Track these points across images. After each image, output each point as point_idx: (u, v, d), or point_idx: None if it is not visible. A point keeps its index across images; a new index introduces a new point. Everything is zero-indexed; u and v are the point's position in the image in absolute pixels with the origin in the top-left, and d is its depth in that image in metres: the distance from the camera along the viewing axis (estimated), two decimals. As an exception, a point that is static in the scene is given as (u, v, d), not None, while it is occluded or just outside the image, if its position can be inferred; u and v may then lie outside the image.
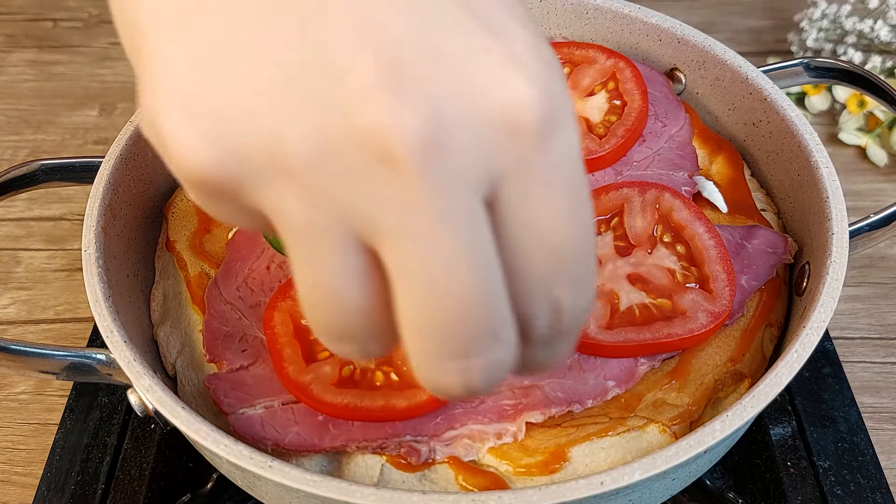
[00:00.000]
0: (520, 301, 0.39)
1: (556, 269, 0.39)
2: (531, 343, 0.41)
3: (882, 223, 0.66)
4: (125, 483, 0.71)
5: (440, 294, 0.36)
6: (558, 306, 0.40)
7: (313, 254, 0.37)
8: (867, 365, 0.85)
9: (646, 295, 0.63)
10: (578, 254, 0.39)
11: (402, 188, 0.35)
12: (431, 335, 0.38)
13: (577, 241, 0.39)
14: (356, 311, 0.38)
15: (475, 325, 0.37)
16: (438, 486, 0.57)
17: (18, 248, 0.98)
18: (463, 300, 0.36)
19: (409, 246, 0.36)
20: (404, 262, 0.36)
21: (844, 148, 1.07)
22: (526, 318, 0.40)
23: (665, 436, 0.58)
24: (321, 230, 0.37)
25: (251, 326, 0.63)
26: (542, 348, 0.42)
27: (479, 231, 0.37)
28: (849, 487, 0.70)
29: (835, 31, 1.13)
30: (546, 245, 0.38)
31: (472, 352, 0.38)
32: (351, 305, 0.38)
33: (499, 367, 0.39)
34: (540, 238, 0.38)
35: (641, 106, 0.74)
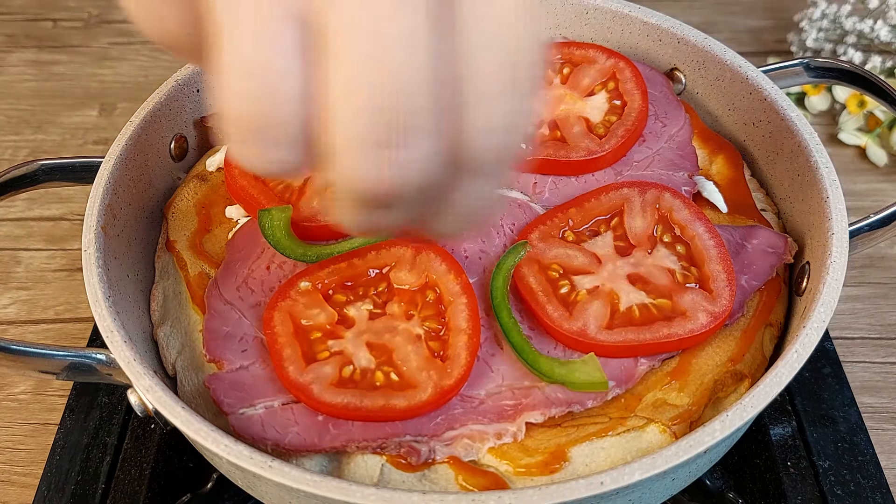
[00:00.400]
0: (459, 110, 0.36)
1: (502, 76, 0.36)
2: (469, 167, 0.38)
3: (882, 223, 0.66)
4: (125, 483, 0.71)
5: (380, 68, 0.33)
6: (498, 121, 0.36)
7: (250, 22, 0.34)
8: (867, 365, 0.85)
9: (646, 295, 0.63)
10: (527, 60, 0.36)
11: None
12: (359, 115, 0.34)
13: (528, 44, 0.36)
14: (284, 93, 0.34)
15: (409, 111, 0.34)
16: (438, 486, 0.57)
17: (18, 248, 0.98)
18: (403, 80, 0.33)
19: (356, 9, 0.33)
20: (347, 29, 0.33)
21: (844, 148, 1.07)
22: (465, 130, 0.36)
23: (665, 436, 0.58)
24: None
25: (251, 326, 0.63)
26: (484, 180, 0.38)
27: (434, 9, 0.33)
28: (849, 487, 0.70)
29: (835, 31, 1.13)
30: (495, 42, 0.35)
31: (398, 142, 0.34)
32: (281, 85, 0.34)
33: (420, 170, 0.35)
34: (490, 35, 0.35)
35: (641, 106, 0.74)
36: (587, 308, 0.62)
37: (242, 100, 0.35)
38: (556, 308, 0.62)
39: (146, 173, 0.73)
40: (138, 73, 1.20)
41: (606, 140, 0.73)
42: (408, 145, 0.34)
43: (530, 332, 0.63)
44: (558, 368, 0.59)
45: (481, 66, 0.35)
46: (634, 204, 0.67)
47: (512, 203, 0.71)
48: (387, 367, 0.59)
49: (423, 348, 0.60)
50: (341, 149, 0.35)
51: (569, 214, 0.68)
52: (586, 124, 0.75)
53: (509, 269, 0.64)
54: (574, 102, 0.76)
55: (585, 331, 0.61)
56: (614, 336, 0.60)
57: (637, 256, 0.65)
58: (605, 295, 0.63)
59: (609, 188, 0.69)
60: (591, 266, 0.65)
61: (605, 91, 0.77)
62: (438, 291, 0.63)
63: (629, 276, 0.64)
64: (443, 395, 0.58)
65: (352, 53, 0.33)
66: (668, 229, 0.67)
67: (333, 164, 0.36)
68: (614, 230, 0.67)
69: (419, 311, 0.62)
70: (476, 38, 0.35)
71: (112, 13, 1.29)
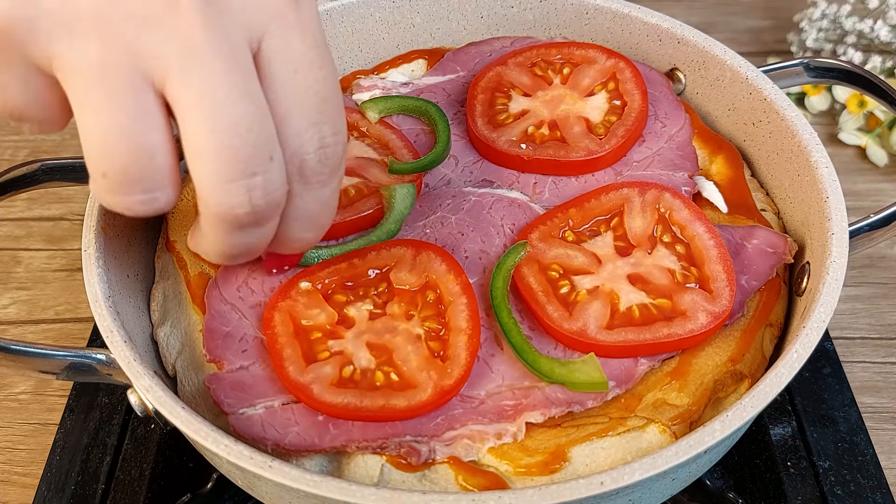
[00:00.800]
0: (292, 140, 0.46)
1: (319, 109, 0.46)
2: (307, 181, 0.48)
3: (882, 223, 0.66)
4: (125, 483, 0.71)
5: (223, 120, 0.42)
6: (324, 140, 0.47)
7: (106, 93, 0.41)
8: (867, 365, 0.85)
9: (646, 295, 0.63)
10: (334, 95, 0.47)
11: (184, 27, 0.41)
12: (217, 159, 0.43)
13: (331, 85, 0.47)
14: (146, 150, 0.43)
15: (254, 147, 0.44)
16: (438, 486, 0.57)
17: (18, 248, 0.99)
18: (243, 125, 0.43)
19: (192, 78, 0.42)
20: (189, 93, 0.42)
21: (844, 148, 1.07)
22: (300, 154, 0.47)
23: (665, 436, 0.58)
24: (113, 68, 0.41)
25: (251, 326, 0.63)
26: (317, 189, 0.49)
27: (249, 67, 0.44)
28: (849, 487, 0.70)
29: (835, 31, 1.13)
30: (310, 88, 0.46)
31: (253, 171, 0.44)
32: (144, 144, 0.42)
33: (275, 184, 0.46)
34: (305, 82, 0.46)
35: (641, 106, 0.74)
36: (587, 308, 0.62)
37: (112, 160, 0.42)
38: (556, 308, 0.62)
39: (146, 173, 0.73)
40: (138, 73, 1.20)
41: (606, 140, 0.73)
42: (260, 170, 0.44)
43: (530, 332, 0.63)
44: (558, 368, 0.59)
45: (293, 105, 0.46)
46: (634, 204, 0.67)
47: (512, 203, 0.71)
48: (387, 368, 0.59)
49: (423, 348, 0.60)
50: (209, 188, 0.44)
51: (569, 214, 0.68)
52: (586, 124, 0.75)
53: (509, 269, 0.64)
54: (574, 102, 0.76)
55: (585, 331, 0.61)
56: (614, 336, 0.60)
57: (637, 256, 0.65)
58: (605, 295, 0.63)
59: (609, 188, 0.69)
60: (591, 266, 0.65)
61: (605, 91, 0.77)
62: (438, 291, 0.63)
63: (629, 277, 0.64)
64: (443, 395, 0.58)
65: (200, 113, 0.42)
66: (667, 229, 0.67)
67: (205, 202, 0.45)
68: (614, 230, 0.67)
69: (419, 312, 0.62)
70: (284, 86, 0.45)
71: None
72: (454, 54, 0.85)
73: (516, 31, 0.88)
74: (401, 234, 0.68)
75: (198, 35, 0.42)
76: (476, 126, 0.75)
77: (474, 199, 0.71)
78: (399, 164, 0.71)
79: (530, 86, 0.78)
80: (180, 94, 0.42)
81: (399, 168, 0.71)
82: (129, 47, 0.41)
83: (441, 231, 0.69)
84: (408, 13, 0.87)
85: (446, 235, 0.68)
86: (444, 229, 0.69)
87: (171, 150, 0.44)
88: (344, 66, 0.89)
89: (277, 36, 0.45)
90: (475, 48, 0.85)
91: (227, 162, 0.43)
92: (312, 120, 0.47)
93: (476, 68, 0.82)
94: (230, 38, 0.43)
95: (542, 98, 0.77)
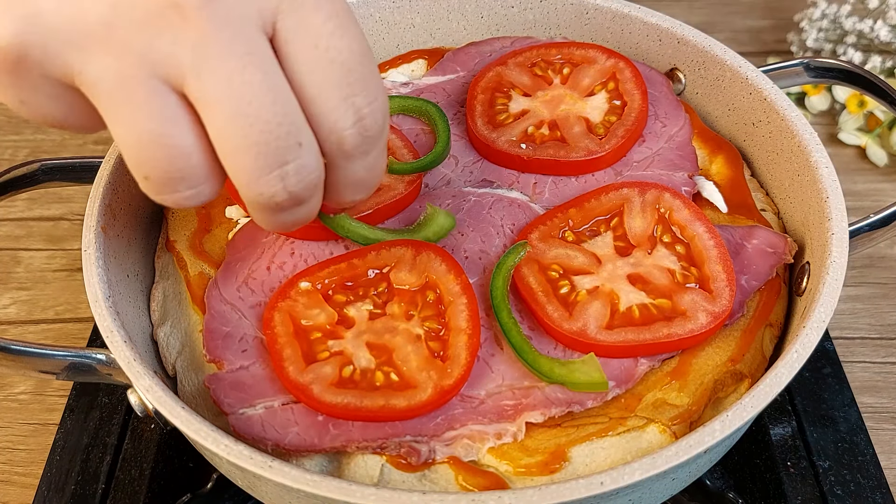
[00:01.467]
0: (326, 115, 0.45)
1: (348, 80, 0.45)
2: (349, 155, 0.47)
3: (882, 223, 0.66)
4: (125, 483, 0.71)
5: (244, 116, 0.42)
6: (360, 112, 0.46)
7: (131, 105, 0.42)
8: (867, 365, 0.85)
9: (646, 295, 0.63)
10: (361, 62, 0.45)
11: (191, 28, 0.41)
12: (245, 157, 0.43)
13: (357, 51, 0.45)
14: (182, 151, 0.43)
15: (280, 136, 0.43)
16: (438, 486, 0.57)
17: (18, 248, 0.99)
18: (264, 119, 0.42)
19: (208, 78, 0.41)
20: (208, 94, 0.42)
21: (844, 148, 1.07)
22: (337, 132, 0.46)
23: (665, 436, 0.58)
24: (131, 79, 0.41)
25: (251, 326, 0.63)
26: (361, 159, 0.48)
27: (265, 55, 0.43)
28: (849, 487, 0.70)
29: (835, 31, 1.13)
30: (334, 60, 0.44)
31: (284, 159, 0.44)
32: (177, 146, 0.43)
33: (309, 169, 0.46)
34: (327, 55, 0.44)
35: (641, 106, 0.74)
36: (587, 308, 0.62)
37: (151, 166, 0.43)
38: (556, 308, 0.62)
39: (146, 173, 0.73)
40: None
41: (606, 140, 0.73)
42: (291, 159, 0.44)
43: (530, 332, 0.63)
44: (558, 368, 0.59)
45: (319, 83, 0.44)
46: (634, 204, 0.67)
47: (512, 203, 0.71)
48: (387, 368, 0.59)
49: (423, 348, 0.60)
50: (245, 184, 0.44)
51: (569, 215, 0.68)
52: (586, 124, 0.75)
53: (509, 269, 0.64)
54: (574, 102, 0.76)
55: (585, 331, 0.61)
56: (614, 336, 0.60)
57: (637, 256, 0.65)
58: (604, 295, 0.63)
59: (609, 188, 0.69)
60: (591, 266, 0.65)
61: (605, 91, 0.77)
62: (438, 292, 0.63)
63: (629, 277, 0.64)
64: (443, 395, 0.58)
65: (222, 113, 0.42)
66: (667, 229, 0.67)
67: (243, 195, 0.46)
68: (614, 230, 0.67)
69: (419, 312, 0.62)
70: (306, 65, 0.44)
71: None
72: (454, 54, 0.85)
73: (516, 31, 0.88)
74: (401, 234, 0.69)
75: (206, 33, 0.41)
76: (476, 126, 0.75)
77: (474, 199, 0.71)
78: (399, 164, 0.71)
79: (530, 86, 0.78)
80: (198, 95, 0.42)
81: (399, 168, 0.71)
82: (142, 56, 0.41)
83: (441, 231, 0.69)
84: (408, 13, 0.87)
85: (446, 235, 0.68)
86: (444, 229, 0.69)
87: (204, 147, 0.44)
88: (344, 66, 0.88)
89: (289, 13, 0.44)
90: (475, 48, 0.85)
91: (255, 157, 0.43)
92: (343, 94, 0.45)
93: (476, 68, 0.82)
94: (240, 30, 0.42)
95: (542, 98, 0.77)
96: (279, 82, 0.43)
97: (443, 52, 0.86)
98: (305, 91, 0.45)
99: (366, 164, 0.49)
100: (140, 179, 0.45)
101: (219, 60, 0.42)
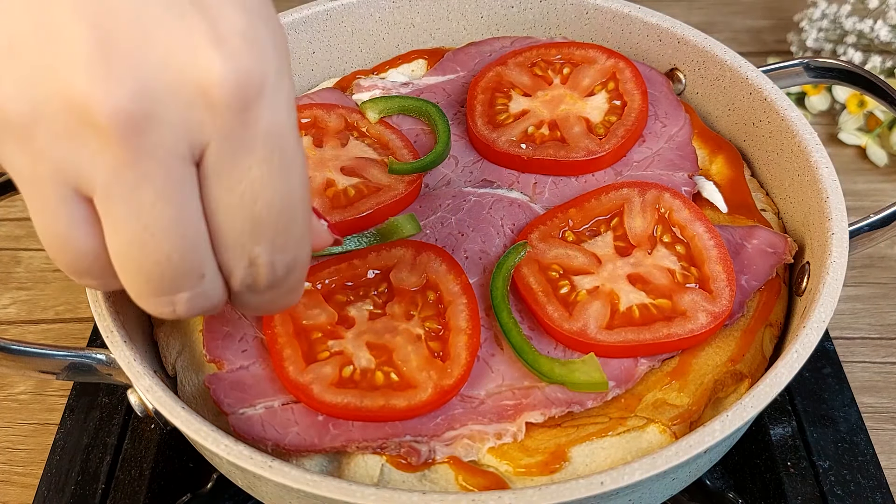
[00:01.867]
0: (220, 254, 0.45)
1: (252, 231, 0.44)
2: (236, 292, 0.47)
3: (882, 223, 0.66)
4: (125, 483, 0.71)
5: (142, 246, 0.42)
6: (255, 261, 0.45)
7: (41, 203, 0.42)
8: (867, 365, 0.85)
9: (646, 295, 0.63)
10: (278, 216, 0.44)
11: (109, 153, 0.40)
12: (137, 277, 0.43)
13: (276, 206, 0.43)
14: (84, 254, 0.43)
15: (175, 271, 0.43)
16: (438, 486, 0.57)
17: (18, 248, 0.99)
18: (163, 252, 0.42)
19: (115, 203, 0.41)
20: (112, 216, 0.41)
21: (844, 148, 1.07)
22: (227, 269, 0.45)
23: (665, 436, 0.58)
24: (44, 181, 0.41)
25: (251, 326, 0.63)
26: (253, 295, 0.48)
27: (181, 191, 0.42)
28: (849, 487, 0.70)
29: (835, 31, 1.13)
30: (244, 208, 0.43)
31: (178, 288, 0.44)
32: (79, 248, 0.43)
33: (205, 297, 0.45)
34: (239, 202, 0.43)
35: (641, 106, 0.74)
36: (587, 308, 0.62)
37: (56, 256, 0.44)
38: (556, 308, 0.62)
39: (146, 173, 0.73)
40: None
41: (606, 140, 0.73)
42: (187, 288, 0.44)
43: (530, 332, 0.63)
44: (558, 368, 0.59)
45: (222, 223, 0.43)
46: (634, 204, 0.67)
47: (512, 203, 0.71)
48: (387, 368, 0.59)
49: (423, 348, 0.60)
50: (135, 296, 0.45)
51: (569, 215, 0.68)
52: (586, 124, 0.75)
53: (509, 269, 0.64)
54: (574, 102, 0.76)
55: (585, 331, 0.61)
56: (614, 336, 0.60)
57: (637, 256, 0.65)
58: (605, 295, 0.63)
59: (609, 188, 0.69)
60: (591, 266, 0.65)
61: (605, 91, 0.77)
62: (438, 292, 0.63)
63: (629, 277, 0.64)
64: (443, 395, 0.58)
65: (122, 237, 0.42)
66: (668, 229, 0.67)
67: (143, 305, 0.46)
68: (614, 230, 0.67)
69: (419, 312, 0.62)
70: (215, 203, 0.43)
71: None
72: (454, 54, 0.85)
73: (516, 31, 0.88)
74: (401, 234, 0.69)
75: (124, 161, 0.40)
76: (476, 126, 0.75)
77: (474, 200, 0.71)
78: (399, 164, 0.71)
79: (530, 86, 0.78)
80: (104, 213, 0.42)
81: (399, 168, 0.71)
82: (57, 165, 0.41)
83: (441, 231, 0.69)
84: (408, 13, 0.87)
85: (446, 236, 0.68)
86: (444, 229, 0.69)
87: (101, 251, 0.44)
88: (344, 66, 0.89)
89: (217, 153, 0.42)
90: (475, 48, 0.85)
91: (146, 282, 0.43)
92: (241, 241, 0.44)
93: (476, 68, 0.82)
94: (162, 162, 0.40)
95: (541, 98, 0.77)
96: (191, 217, 0.42)
97: (443, 52, 0.86)
98: (212, 224, 0.43)
99: (260, 299, 0.48)
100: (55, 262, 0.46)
101: (131, 190, 0.40)
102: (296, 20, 0.83)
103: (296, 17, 0.83)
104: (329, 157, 0.72)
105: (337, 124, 0.75)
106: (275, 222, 0.44)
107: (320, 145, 0.73)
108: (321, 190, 0.69)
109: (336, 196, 0.69)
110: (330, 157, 0.72)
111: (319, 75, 0.88)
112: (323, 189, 0.69)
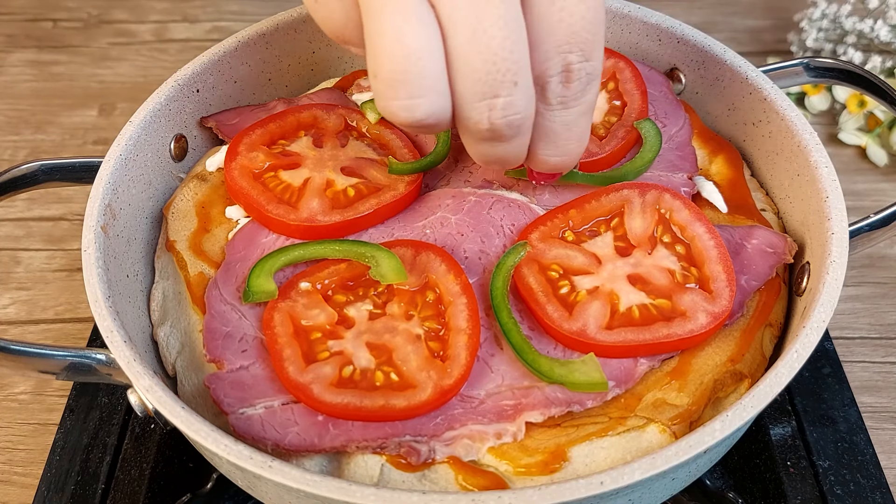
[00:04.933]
0: (540, 62, 0.51)
1: (569, 40, 0.50)
2: (549, 101, 0.53)
3: (882, 223, 0.66)
4: (125, 483, 0.71)
5: (478, 46, 0.48)
6: (569, 67, 0.51)
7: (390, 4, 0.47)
8: (867, 365, 0.85)
9: (646, 295, 0.63)
10: (588, 29, 0.51)
11: None
12: (466, 79, 0.49)
13: (588, 19, 0.51)
14: (414, 52, 0.47)
15: (500, 70, 0.49)
16: (438, 486, 0.57)
17: (18, 248, 0.99)
18: (494, 48, 0.48)
19: (460, 4, 0.47)
20: (456, 16, 0.47)
21: (844, 148, 1.07)
22: (543, 76, 0.51)
23: (665, 436, 0.58)
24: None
25: (251, 326, 0.63)
26: (560, 110, 0.53)
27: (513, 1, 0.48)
28: (849, 487, 0.70)
29: (835, 31, 1.13)
30: (562, 21, 0.50)
31: (496, 92, 0.49)
32: (411, 45, 0.47)
33: (516, 108, 0.51)
34: (559, 14, 0.50)
35: (641, 106, 0.74)
36: (587, 308, 0.62)
37: (392, 61, 0.48)
38: (555, 308, 0.62)
39: (146, 173, 0.73)
40: (138, 74, 1.20)
41: (607, 142, 0.73)
42: (503, 93, 0.50)
43: (530, 332, 0.63)
44: (558, 368, 0.59)
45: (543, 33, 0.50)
46: (634, 205, 0.67)
47: (512, 203, 0.71)
48: (387, 367, 0.59)
49: (422, 348, 0.60)
50: (459, 104, 0.50)
51: (569, 215, 0.68)
52: (586, 124, 0.75)
53: (509, 269, 0.64)
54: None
55: (585, 331, 0.61)
56: (614, 336, 0.60)
57: (637, 257, 0.65)
58: (604, 295, 0.63)
59: (609, 189, 0.69)
60: (591, 266, 0.65)
61: (605, 91, 0.77)
62: (438, 292, 0.63)
63: (629, 277, 0.64)
64: (443, 395, 0.58)
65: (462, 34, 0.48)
66: (668, 230, 0.67)
67: (459, 113, 0.51)
68: (614, 230, 0.67)
69: (419, 312, 0.62)
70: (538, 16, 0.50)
71: (112, 13, 1.29)
72: (454, 54, 0.84)
73: (516, 31, 0.88)
74: (400, 234, 0.68)
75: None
76: (476, 126, 0.75)
77: (474, 200, 0.71)
78: (399, 164, 0.71)
79: (530, 86, 0.78)
80: (447, 13, 0.47)
81: (399, 168, 0.71)
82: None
83: (441, 231, 0.69)
84: (408, 13, 0.87)
85: (446, 236, 0.68)
86: (444, 229, 0.69)
87: (435, 58, 0.48)
88: (344, 66, 0.89)
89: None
90: (475, 48, 0.85)
91: (474, 83, 0.49)
92: (560, 48, 0.50)
93: (476, 68, 0.82)
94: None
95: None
96: (517, 20, 0.48)
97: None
98: (531, 37, 0.49)
99: (563, 117, 0.54)
100: (371, 77, 0.50)
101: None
102: (296, 20, 0.83)
103: (296, 16, 0.83)
104: (329, 158, 0.72)
105: (337, 124, 0.75)
106: (585, 34, 0.51)
107: (320, 145, 0.73)
108: (321, 190, 0.69)
109: (336, 196, 0.69)
110: (330, 158, 0.72)
111: (319, 75, 0.88)
112: (323, 189, 0.69)
